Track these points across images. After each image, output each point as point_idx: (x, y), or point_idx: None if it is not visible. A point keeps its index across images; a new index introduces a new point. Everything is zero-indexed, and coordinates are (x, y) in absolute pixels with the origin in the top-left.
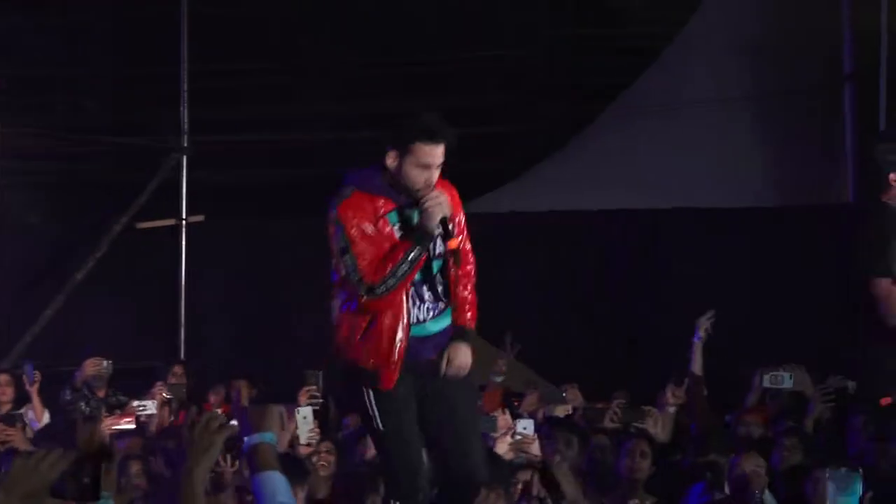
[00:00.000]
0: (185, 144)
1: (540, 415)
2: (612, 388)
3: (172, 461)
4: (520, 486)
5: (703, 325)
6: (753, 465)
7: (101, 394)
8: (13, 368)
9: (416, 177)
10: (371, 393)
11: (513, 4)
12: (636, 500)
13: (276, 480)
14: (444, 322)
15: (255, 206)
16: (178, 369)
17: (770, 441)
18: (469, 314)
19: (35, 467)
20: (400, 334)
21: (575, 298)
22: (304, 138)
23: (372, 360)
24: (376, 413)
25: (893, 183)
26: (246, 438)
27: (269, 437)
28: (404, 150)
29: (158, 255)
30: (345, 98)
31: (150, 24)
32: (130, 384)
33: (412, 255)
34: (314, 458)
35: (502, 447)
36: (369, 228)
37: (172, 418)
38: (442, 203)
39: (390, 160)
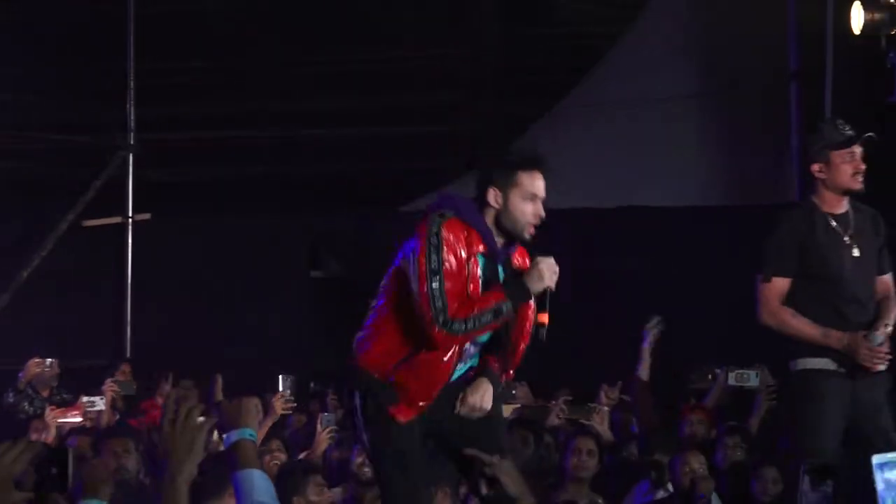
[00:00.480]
0: (132, 142)
1: None
2: (555, 386)
3: (152, 467)
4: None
5: (652, 331)
6: (695, 463)
7: (45, 393)
8: None
9: (525, 209)
10: (386, 426)
11: (455, 2)
12: (583, 499)
13: (255, 478)
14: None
15: (202, 204)
16: (125, 367)
17: (713, 440)
18: (507, 366)
19: None
20: (444, 376)
21: None
22: (249, 136)
23: (411, 386)
24: (384, 450)
25: (817, 174)
26: (225, 435)
27: (249, 433)
28: (508, 184)
29: (105, 253)
30: (289, 96)
31: (96, 20)
32: (76, 383)
33: (504, 308)
34: (266, 458)
35: None
36: (462, 264)
37: (117, 416)
38: (555, 272)
39: (492, 198)
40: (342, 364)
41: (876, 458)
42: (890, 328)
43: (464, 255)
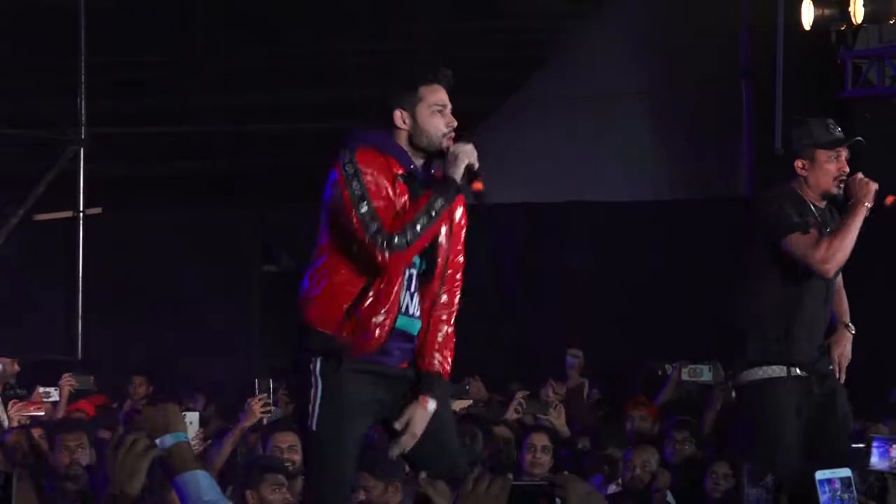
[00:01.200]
0: (83, 136)
1: None
2: (506, 380)
3: (93, 480)
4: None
5: (576, 359)
6: (645, 458)
7: None
8: None
9: (437, 122)
10: (320, 386)
11: None
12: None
13: (199, 479)
14: (419, 326)
15: (154, 198)
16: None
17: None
18: (444, 357)
19: None
20: (383, 317)
21: (470, 291)
22: (201, 130)
23: (346, 333)
24: (317, 411)
25: (800, 170)
26: (158, 441)
27: (182, 437)
28: (413, 101)
29: (56, 247)
30: (236, 90)
31: (47, 14)
32: (29, 377)
33: (437, 203)
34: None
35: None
36: (385, 185)
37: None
38: (468, 150)
39: (399, 120)
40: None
41: (819, 474)
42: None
43: (386, 180)
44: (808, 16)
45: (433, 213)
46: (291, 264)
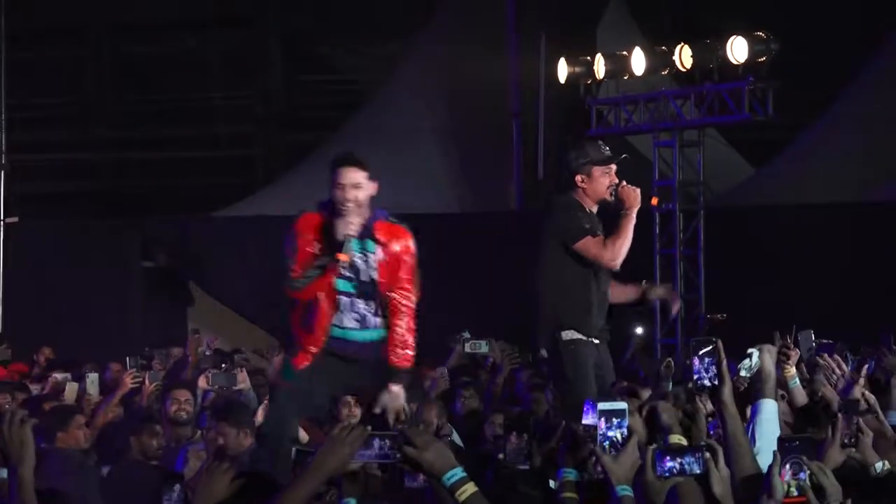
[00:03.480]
0: (3, 162)
1: None
2: None
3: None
4: None
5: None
6: (433, 412)
7: None
8: None
9: (336, 195)
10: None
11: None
12: None
13: None
14: (369, 335)
15: (59, 210)
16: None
17: (452, 392)
18: (402, 353)
19: None
20: (323, 321)
21: None
22: (91, 157)
23: (302, 336)
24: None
25: (579, 184)
26: None
27: None
28: (331, 182)
29: None
30: (122, 125)
31: None
32: None
33: (321, 264)
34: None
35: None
36: (304, 243)
37: None
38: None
39: (331, 193)
40: (168, 336)
41: (601, 405)
42: None
43: (310, 237)
44: (563, 72)
45: (318, 272)
46: (165, 261)
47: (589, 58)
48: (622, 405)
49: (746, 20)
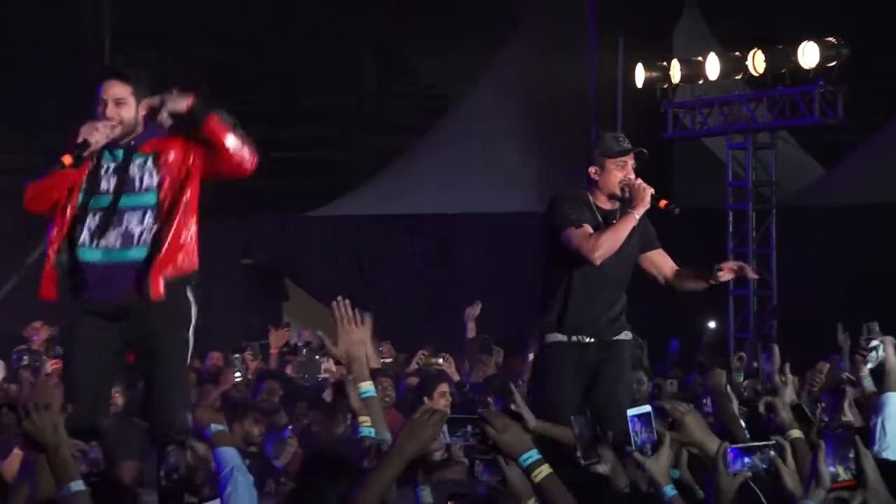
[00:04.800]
0: None
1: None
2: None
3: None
4: None
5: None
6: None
7: None
8: None
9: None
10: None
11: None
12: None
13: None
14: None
15: None
16: None
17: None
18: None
19: None
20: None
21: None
22: None
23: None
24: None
25: (592, 175)
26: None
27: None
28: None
29: None
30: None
31: None
32: None
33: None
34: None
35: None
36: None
37: None
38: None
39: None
40: (264, 329)
41: (629, 411)
42: None
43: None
44: (640, 77)
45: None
46: (263, 258)
47: (665, 63)
48: (646, 408)
49: (818, 25)
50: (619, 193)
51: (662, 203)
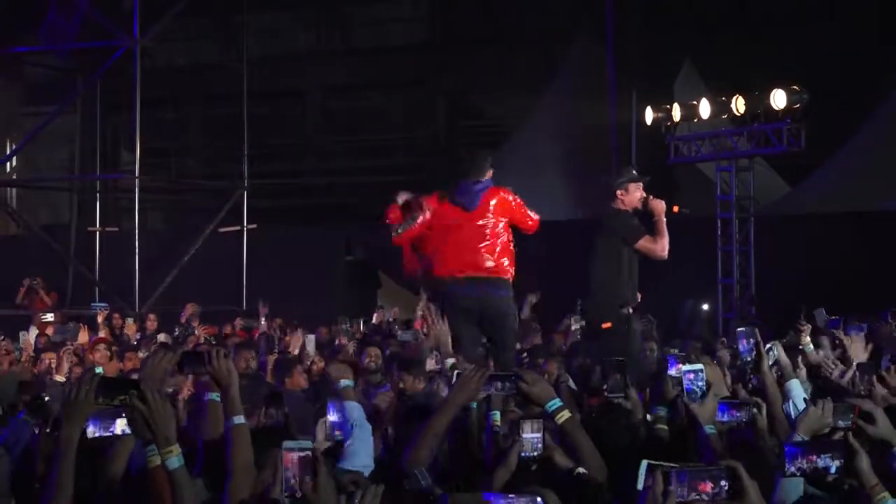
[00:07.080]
0: (246, 184)
1: None
2: None
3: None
4: None
5: (529, 300)
6: (555, 365)
7: None
8: None
9: None
10: None
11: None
12: None
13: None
14: None
15: (284, 219)
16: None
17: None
18: None
19: None
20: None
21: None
22: (304, 182)
23: None
24: None
25: (619, 196)
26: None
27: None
28: None
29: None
30: (334, 158)
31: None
32: (210, 319)
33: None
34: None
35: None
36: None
37: None
38: None
39: None
40: (362, 310)
41: (685, 368)
42: None
43: None
44: (649, 117)
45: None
46: (362, 256)
47: (668, 106)
48: (699, 366)
49: (785, 76)
50: (640, 206)
51: (675, 208)
